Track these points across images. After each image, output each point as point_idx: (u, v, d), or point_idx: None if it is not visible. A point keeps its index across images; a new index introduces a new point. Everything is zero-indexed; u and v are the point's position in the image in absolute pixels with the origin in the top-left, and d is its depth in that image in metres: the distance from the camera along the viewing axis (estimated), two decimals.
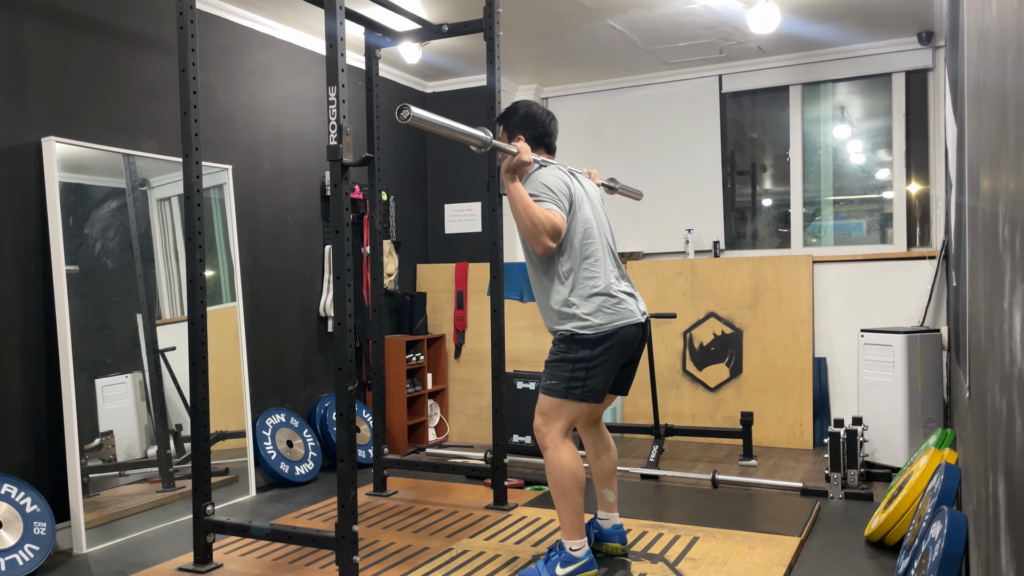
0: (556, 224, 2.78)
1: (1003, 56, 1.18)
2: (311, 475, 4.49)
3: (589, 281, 2.85)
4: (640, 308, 2.95)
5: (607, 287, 2.87)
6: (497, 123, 3.14)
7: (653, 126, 5.87)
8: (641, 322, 2.92)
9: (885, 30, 4.95)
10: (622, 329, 2.85)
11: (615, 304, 2.86)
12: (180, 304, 3.97)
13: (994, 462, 1.44)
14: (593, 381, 2.83)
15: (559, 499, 2.85)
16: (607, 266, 2.92)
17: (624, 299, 2.90)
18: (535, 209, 2.75)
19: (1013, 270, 1.10)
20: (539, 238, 2.77)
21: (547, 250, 2.80)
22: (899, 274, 5.04)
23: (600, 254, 2.91)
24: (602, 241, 2.96)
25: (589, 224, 2.93)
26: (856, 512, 3.70)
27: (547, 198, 2.82)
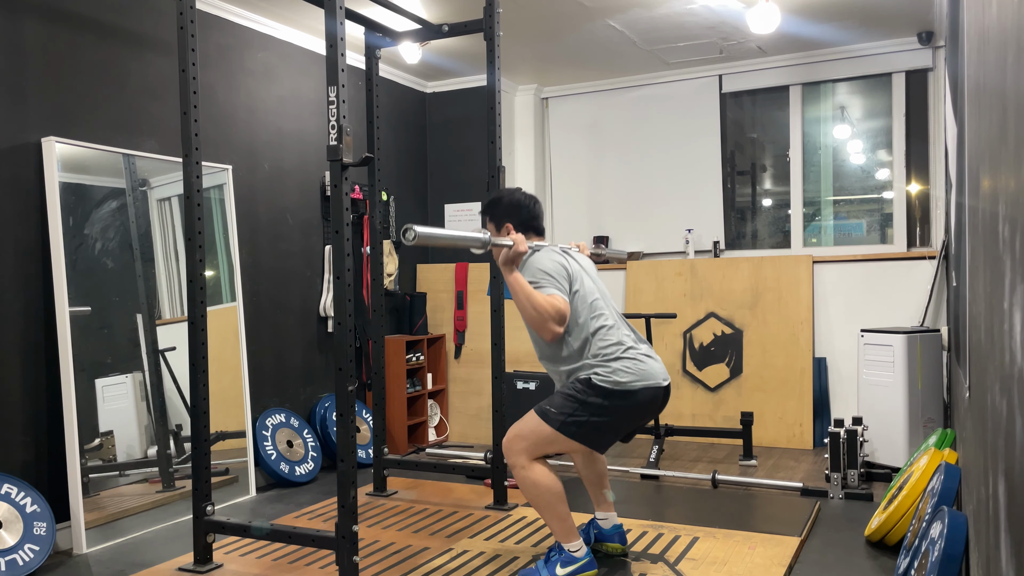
0: (560, 309, 2.76)
1: (1003, 56, 1.18)
2: (311, 475, 4.49)
3: (607, 349, 2.82)
4: (662, 372, 2.89)
5: (627, 350, 2.83)
6: (483, 215, 3.14)
7: (653, 126, 5.87)
8: (663, 385, 2.87)
9: (885, 30, 4.95)
10: (643, 391, 2.80)
11: (637, 365, 2.82)
12: (180, 304, 3.97)
13: (994, 462, 1.44)
14: (595, 426, 2.79)
15: (542, 512, 2.85)
16: (622, 331, 2.90)
17: (646, 361, 2.86)
18: (537, 297, 2.73)
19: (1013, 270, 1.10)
20: (546, 325, 2.75)
21: (555, 336, 2.78)
22: (899, 274, 5.04)
23: (611, 321, 2.89)
24: (610, 309, 2.94)
25: (593, 297, 2.91)
26: (856, 512, 3.70)
27: (547, 283, 2.80)
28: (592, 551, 3.06)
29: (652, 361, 2.88)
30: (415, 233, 2.38)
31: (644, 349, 2.90)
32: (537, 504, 2.84)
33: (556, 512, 2.83)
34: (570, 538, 2.84)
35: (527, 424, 2.85)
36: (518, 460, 2.83)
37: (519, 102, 6.15)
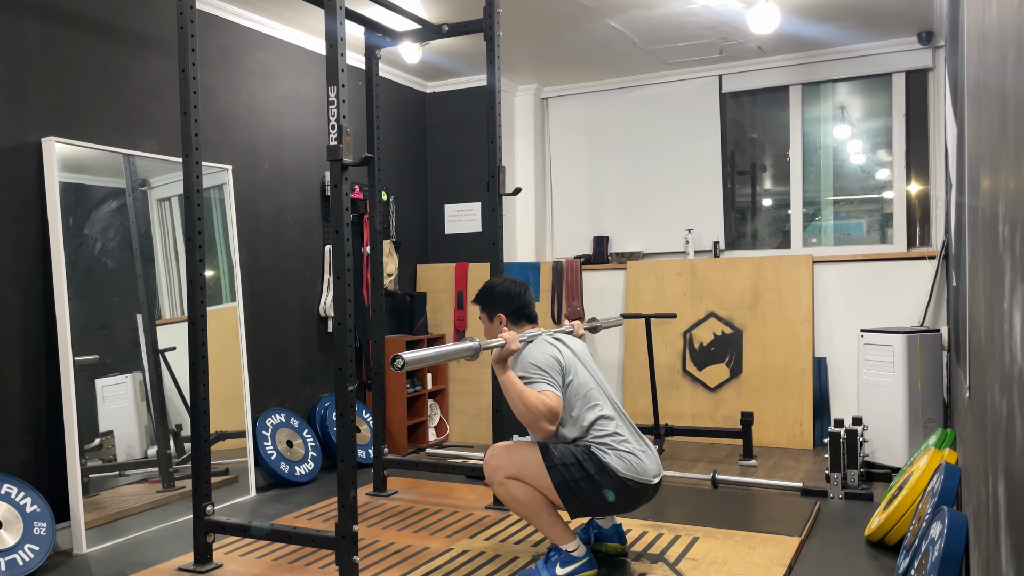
0: (552, 407, 2.75)
1: (1003, 56, 1.18)
2: (311, 475, 4.49)
3: (604, 438, 2.82)
4: (655, 469, 2.90)
5: (622, 442, 2.84)
6: (475, 303, 3.14)
7: (653, 126, 5.87)
8: (653, 484, 2.88)
9: (885, 30, 4.95)
10: (635, 485, 2.82)
11: (632, 459, 2.82)
12: (180, 304, 3.97)
13: (994, 462, 1.44)
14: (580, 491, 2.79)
15: (531, 521, 2.87)
16: (619, 423, 2.90)
17: (641, 457, 2.86)
18: (529, 396, 2.72)
19: (1013, 270, 1.10)
20: (538, 424, 2.74)
21: (547, 434, 2.78)
22: (899, 274, 5.04)
23: (608, 411, 2.89)
24: (604, 399, 2.93)
25: (588, 388, 2.90)
26: (856, 512, 3.70)
27: (539, 378, 2.79)
28: (592, 551, 3.06)
29: (646, 457, 2.88)
30: (404, 361, 2.41)
31: (639, 444, 2.90)
32: (523, 515, 2.87)
33: (544, 519, 2.84)
34: (566, 539, 2.85)
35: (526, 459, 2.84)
36: (496, 477, 2.87)
37: (519, 102, 6.15)
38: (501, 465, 2.87)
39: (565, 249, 6.18)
